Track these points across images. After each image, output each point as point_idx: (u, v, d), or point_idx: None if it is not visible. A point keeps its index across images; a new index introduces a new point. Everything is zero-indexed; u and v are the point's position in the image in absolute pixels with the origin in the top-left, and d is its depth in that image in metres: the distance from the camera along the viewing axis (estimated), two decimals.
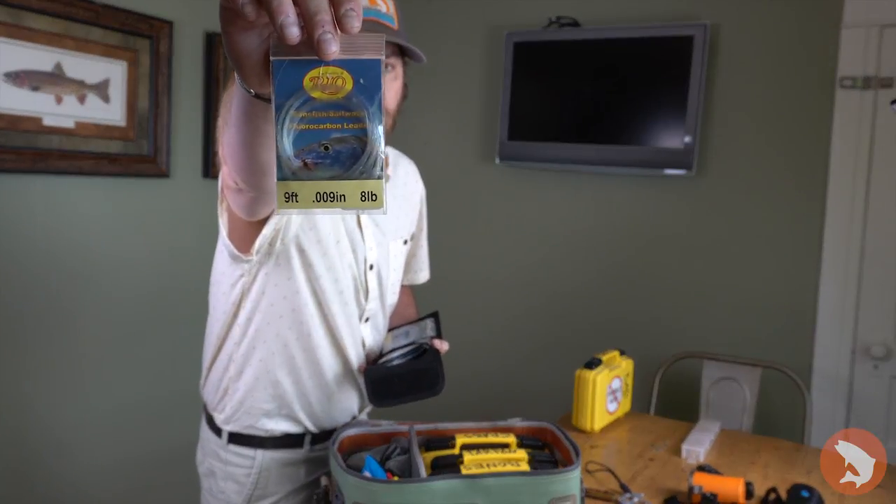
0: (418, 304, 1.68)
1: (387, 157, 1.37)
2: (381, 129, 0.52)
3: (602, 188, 2.71)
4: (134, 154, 2.28)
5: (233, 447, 1.32)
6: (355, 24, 0.50)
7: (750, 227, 2.47)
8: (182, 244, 2.45)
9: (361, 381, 1.32)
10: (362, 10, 1.10)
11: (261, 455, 1.31)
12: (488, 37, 2.91)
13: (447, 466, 1.07)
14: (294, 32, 0.49)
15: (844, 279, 2.33)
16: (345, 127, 0.52)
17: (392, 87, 1.20)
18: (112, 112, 2.21)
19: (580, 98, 2.67)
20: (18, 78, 1.96)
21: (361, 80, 0.51)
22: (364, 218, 1.29)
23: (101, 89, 2.17)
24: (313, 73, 0.51)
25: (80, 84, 2.11)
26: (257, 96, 0.61)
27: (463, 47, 2.95)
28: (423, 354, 1.30)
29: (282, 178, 0.52)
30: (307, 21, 0.50)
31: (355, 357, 1.33)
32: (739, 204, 2.49)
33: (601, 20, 2.65)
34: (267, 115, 0.64)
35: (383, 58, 0.52)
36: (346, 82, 0.51)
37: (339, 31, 0.51)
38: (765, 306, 2.45)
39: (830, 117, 2.33)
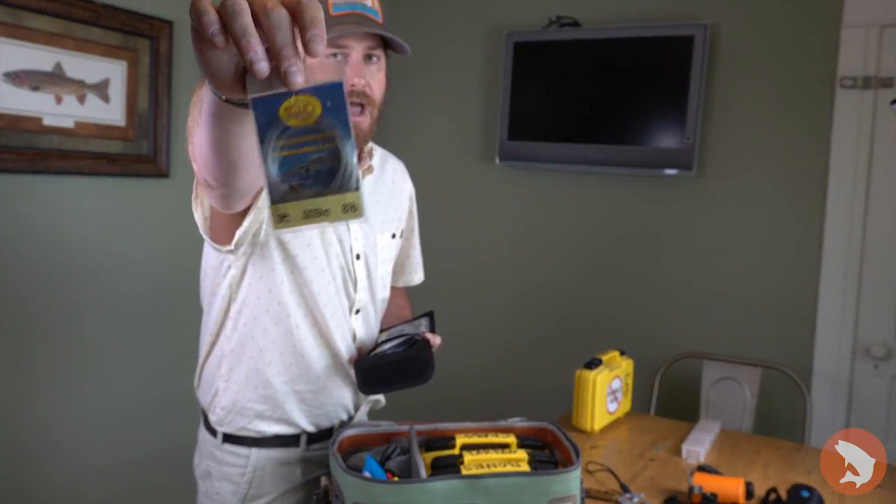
0: (419, 303, 1.68)
1: (371, 150, 1.37)
2: (350, 144, 0.58)
3: (602, 188, 2.70)
4: (133, 154, 2.28)
5: (227, 446, 1.32)
6: (320, 49, 0.55)
7: (750, 226, 2.47)
8: (182, 244, 2.45)
9: (352, 373, 1.31)
10: (348, 4, 1.08)
11: (255, 454, 1.31)
12: (488, 37, 2.90)
13: (447, 467, 1.07)
14: (263, 68, 0.54)
15: (844, 279, 2.33)
16: (320, 148, 0.57)
17: (377, 78, 1.21)
18: (112, 112, 2.21)
19: (580, 98, 2.67)
20: (18, 78, 1.96)
21: (328, 103, 0.57)
22: None
23: (101, 89, 2.17)
24: (286, 103, 0.57)
25: (80, 84, 2.11)
26: (227, 101, 0.65)
27: (463, 47, 2.95)
28: (413, 345, 1.30)
29: (273, 201, 0.58)
30: (274, 55, 0.54)
31: (346, 350, 1.32)
32: (739, 204, 2.49)
33: (601, 20, 2.65)
34: (236, 118, 0.69)
35: (344, 79, 0.57)
36: (316, 107, 0.57)
37: (304, 57, 0.55)
38: (765, 306, 2.45)
39: (830, 117, 2.33)
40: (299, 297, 1.27)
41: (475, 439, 1.16)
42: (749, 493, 1.43)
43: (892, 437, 2.31)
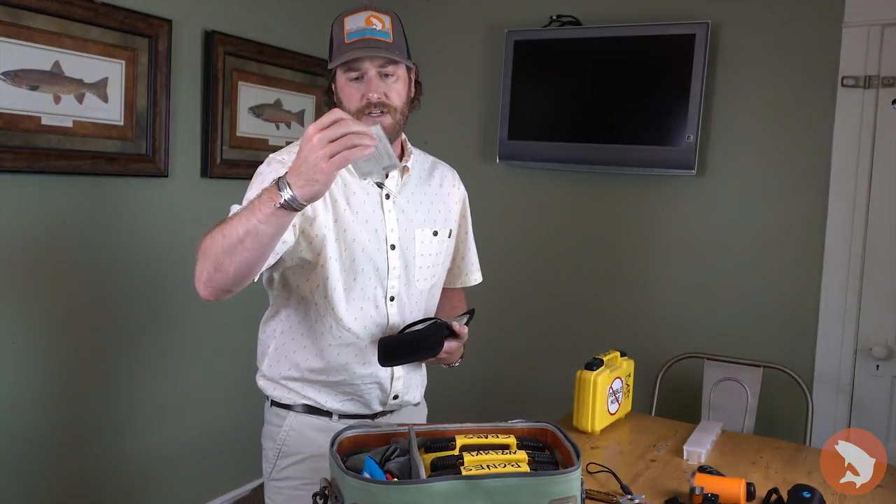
0: None
1: (410, 153, 1.50)
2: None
3: (603, 188, 2.70)
4: (132, 153, 2.27)
5: (273, 409, 1.49)
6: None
7: (751, 226, 2.46)
8: (180, 244, 2.45)
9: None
10: (359, 31, 1.34)
11: (292, 417, 1.46)
12: (489, 35, 2.90)
13: (447, 467, 1.07)
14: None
15: (846, 279, 2.33)
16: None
17: (394, 89, 1.36)
18: (110, 111, 2.20)
19: (581, 97, 2.66)
20: (17, 77, 1.96)
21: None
22: (387, 203, 1.43)
23: (100, 88, 2.16)
24: None
25: (79, 83, 2.11)
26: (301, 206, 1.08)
27: (463, 46, 2.95)
28: (432, 325, 1.41)
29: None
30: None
31: (373, 340, 1.42)
32: (741, 203, 2.48)
33: (602, 18, 2.64)
34: (290, 216, 1.10)
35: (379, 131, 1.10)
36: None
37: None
38: (766, 306, 2.44)
39: (832, 116, 2.32)
40: (320, 296, 1.38)
41: (475, 440, 1.15)
42: (750, 494, 1.42)
43: (894, 437, 2.31)
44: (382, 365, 1.39)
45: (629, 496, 1.42)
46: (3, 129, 1.94)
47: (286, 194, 1.06)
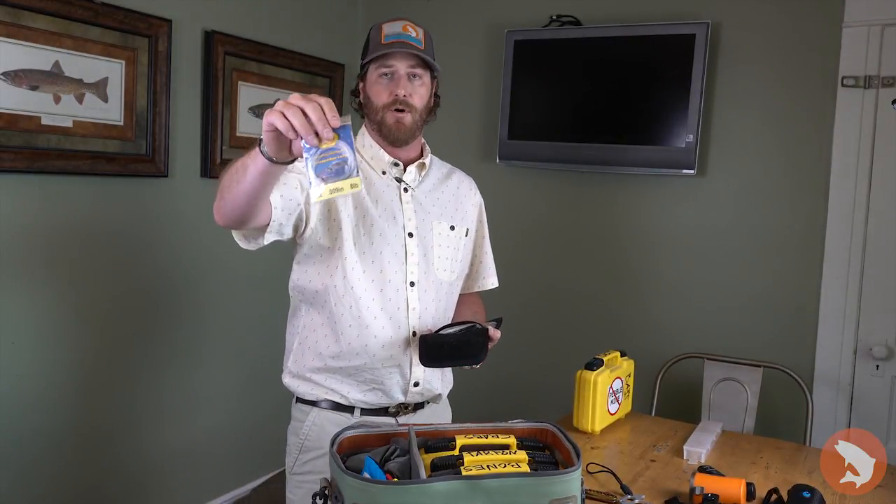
0: None
1: (429, 153, 1.61)
2: (353, 155, 1.07)
3: (603, 188, 2.70)
4: (132, 153, 2.27)
5: (298, 405, 1.55)
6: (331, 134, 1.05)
7: (751, 226, 2.46)
8: (181, 244, 2.45)
9: (408, 349, 1.49)
10: (395, 34, 1.46)
11: (315, 412, 1.51)
12: (489, 35, 2.90)
13: (447, 467, 1.07)
14: (314, 141, 1.05)
15: (846, 279, 2.33)
16: (338, 156, 1.06)
17: (418, 91, 1.48)
18: (110, 111, 2.20)
19: (581, 97, 2.66)
20: (17, 77, 1.96)
21: (341, 135, 1.06)
22: (405, 195, 1.52)
23: (100, 88, 2.16)
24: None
25: (79, 83, 2.11)
26: (278, 162, 1.13)
27: (463, 46, 2.94)
28: (473, 331, 1.47)
29: (314, 186, 1.06)
30: (319, 131, 1.04)
31: (393, 325, 1.47)
32: (741, 203, 2.48)
33: (602, 18, 2.64)
34: (277, 172, 1.18)
35: (349, 123, 1.07)
36: (335, 137, 1.06)
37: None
38: (766, 306, 2.44)
39: (832, 116, 2.32)
40: (339, 277, 1.44)
41: (475, 440, 1.15)
42: (750, 494, 1.42)
43: (894, 437, 2.31)
44: (424, 365, 1.46)
45: (629, 496, 1.42)
46: (3, 129, 1.94)
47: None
